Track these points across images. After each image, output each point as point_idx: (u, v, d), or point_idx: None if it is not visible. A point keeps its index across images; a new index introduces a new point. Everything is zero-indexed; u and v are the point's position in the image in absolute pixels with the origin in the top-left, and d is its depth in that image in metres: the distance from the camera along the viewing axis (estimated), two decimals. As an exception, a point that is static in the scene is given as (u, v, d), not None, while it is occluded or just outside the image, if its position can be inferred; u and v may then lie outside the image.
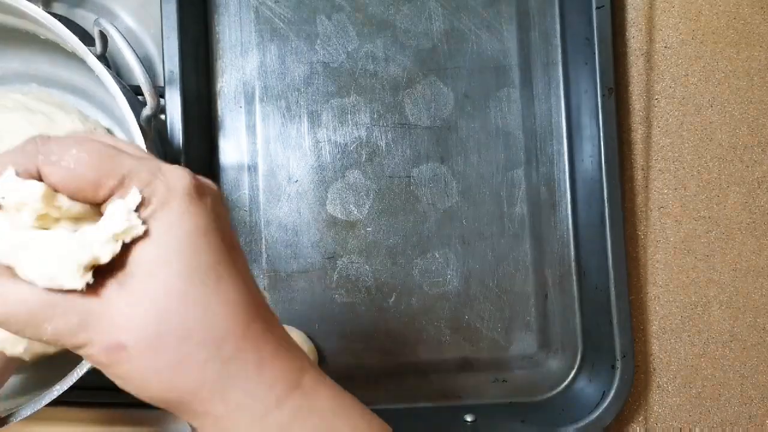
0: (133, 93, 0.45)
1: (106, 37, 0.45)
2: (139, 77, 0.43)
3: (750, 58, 0.58)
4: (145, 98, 0.44)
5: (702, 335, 0.57)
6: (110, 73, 0.43)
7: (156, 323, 0.24)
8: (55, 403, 0.44)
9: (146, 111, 0.44)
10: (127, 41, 0.43)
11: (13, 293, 0.24)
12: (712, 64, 0.58)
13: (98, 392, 0.55)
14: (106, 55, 0.49)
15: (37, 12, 0.43)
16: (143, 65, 0.43)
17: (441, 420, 0.55)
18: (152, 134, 0.45)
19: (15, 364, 0.37)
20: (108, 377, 0.26)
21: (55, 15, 0.45)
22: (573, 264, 0.56)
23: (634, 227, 0.57)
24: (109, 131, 0.52)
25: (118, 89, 0.42)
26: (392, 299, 0.56)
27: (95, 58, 0.43)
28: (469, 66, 0.57)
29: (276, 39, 0.57)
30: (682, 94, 0.58)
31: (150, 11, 0.55)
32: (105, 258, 0.24)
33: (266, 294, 0.56)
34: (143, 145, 0.42)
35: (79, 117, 0.50)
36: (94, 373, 0.46)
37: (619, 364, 0.52)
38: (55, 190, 0.25)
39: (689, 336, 0.57)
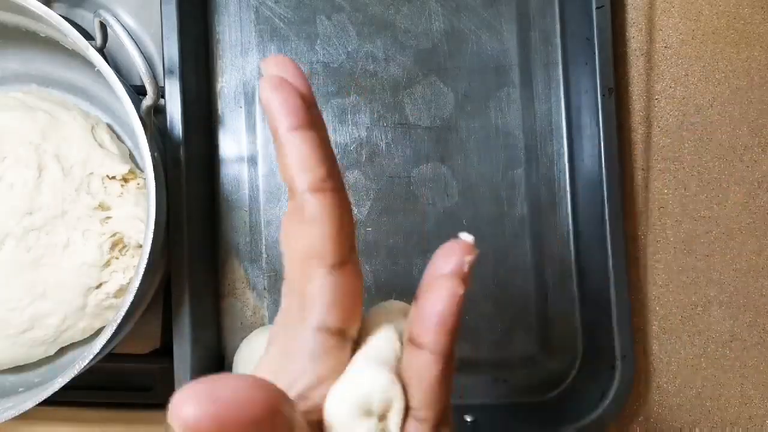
0: (132, 89, 0.45)
1: (105, 29, 0.45)
2: (139, 64, 0.43)
3: (750, 58, 0.58)
4: (144, 91, 0.44)
5: (702, 335, 0.57)
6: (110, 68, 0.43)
7: None
8: (54, 403, 0.44)
9: (146, 101, 0.44)
10: (126, 30, 0.43)
11: None
12: (712, 64, 0.58)
13: (97, 392, 0.54)
14: (105, 54, 0.49)
15: (38, 6, 0.43)
16: (142, 53, 0.43)
17: (441, 420, 0.55)
18: (152, 127, 0.45)
19: None
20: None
21: (54, 14, 0.45)
22: (573, 264, 0.56)
23: (634, 227, 0.57)
24: (109, 126, 0.52)
25: (117, 80, 0.43)
26: (392, 299, 0.56)
27: (95, 51, 0.43)
28: (469, 66, 0.57)
29: (276, 39, 0.57)
30: (682, 94, 0.58)
31: (150, 11, 0.55)
32: None
33: (266, 294, 0.56)
34: (144, 138, 0.43)
35: (80, 113, 0.50)
36: (91, 373, 0.46)
37: (618, 365, 0.52)
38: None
39: (689, 336, 0.57)
